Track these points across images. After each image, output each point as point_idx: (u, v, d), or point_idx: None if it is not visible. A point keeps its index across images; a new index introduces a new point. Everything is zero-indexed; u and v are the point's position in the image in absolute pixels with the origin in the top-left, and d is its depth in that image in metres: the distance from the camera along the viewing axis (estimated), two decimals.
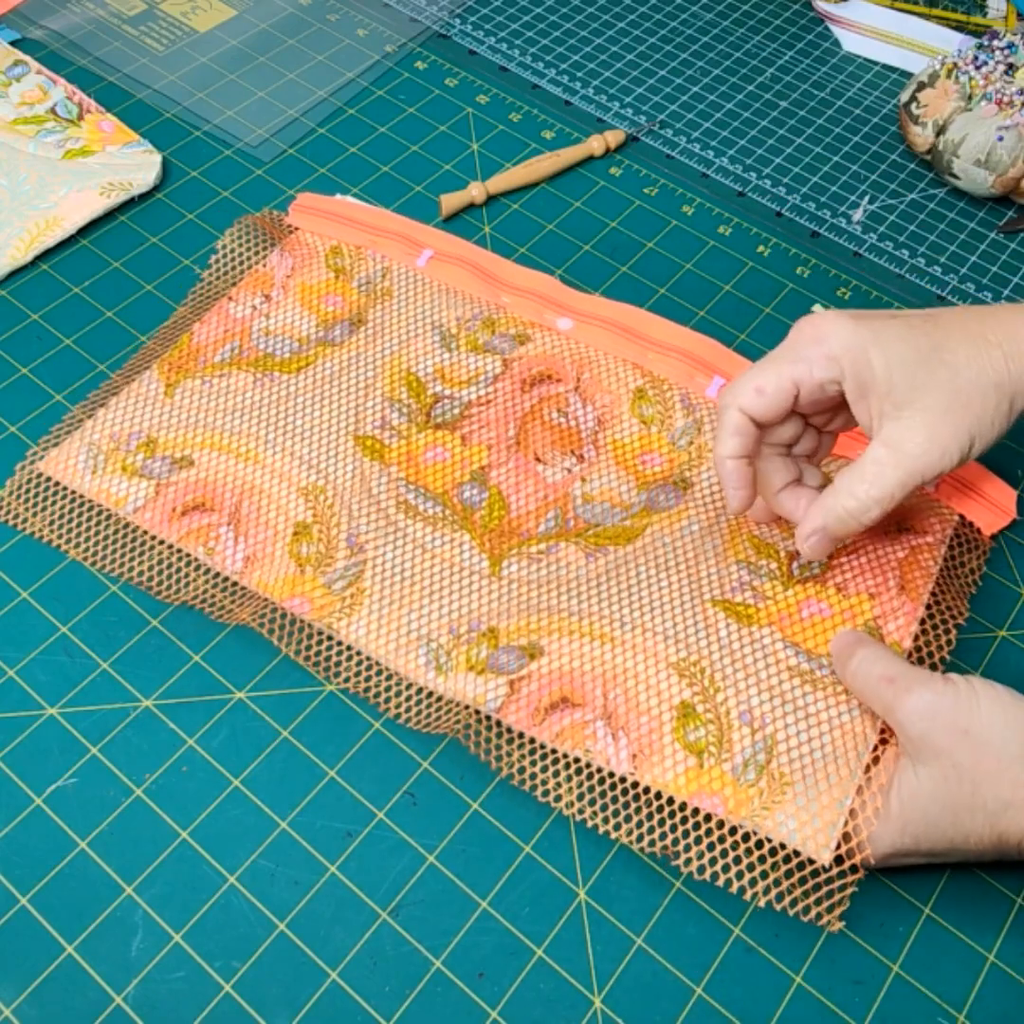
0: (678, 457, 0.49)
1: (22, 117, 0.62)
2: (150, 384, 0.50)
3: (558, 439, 0.49)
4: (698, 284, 0.58)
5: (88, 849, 0.40)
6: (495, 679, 0.42)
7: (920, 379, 0.38)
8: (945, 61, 0.62)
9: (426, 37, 0.71)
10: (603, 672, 0.42)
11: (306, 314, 0.53)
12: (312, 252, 0.56)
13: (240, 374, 0.51)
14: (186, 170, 0.62)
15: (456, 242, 0.56)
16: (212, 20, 0.71)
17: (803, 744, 0.40)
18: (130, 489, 0.47)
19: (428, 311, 0.54)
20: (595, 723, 0.41)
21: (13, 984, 0.37)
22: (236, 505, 0.47)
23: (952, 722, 0.36)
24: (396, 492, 0.47)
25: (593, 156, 0.64)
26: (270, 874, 0.39)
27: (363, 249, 0.56)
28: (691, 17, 0.75)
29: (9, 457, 0.49)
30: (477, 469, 0.48)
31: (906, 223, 0.62)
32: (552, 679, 0.42)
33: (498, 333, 0.53)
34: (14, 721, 0.42)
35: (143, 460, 0.48)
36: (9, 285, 0.56)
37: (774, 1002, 0.38)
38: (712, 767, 0.39)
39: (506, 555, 0.46)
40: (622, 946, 0.39)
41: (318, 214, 0.57)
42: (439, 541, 0.46)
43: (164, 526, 0.46)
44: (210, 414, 0.49)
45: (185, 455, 0.48)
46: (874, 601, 0.44)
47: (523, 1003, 0.37)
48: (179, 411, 0.49)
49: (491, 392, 0.51)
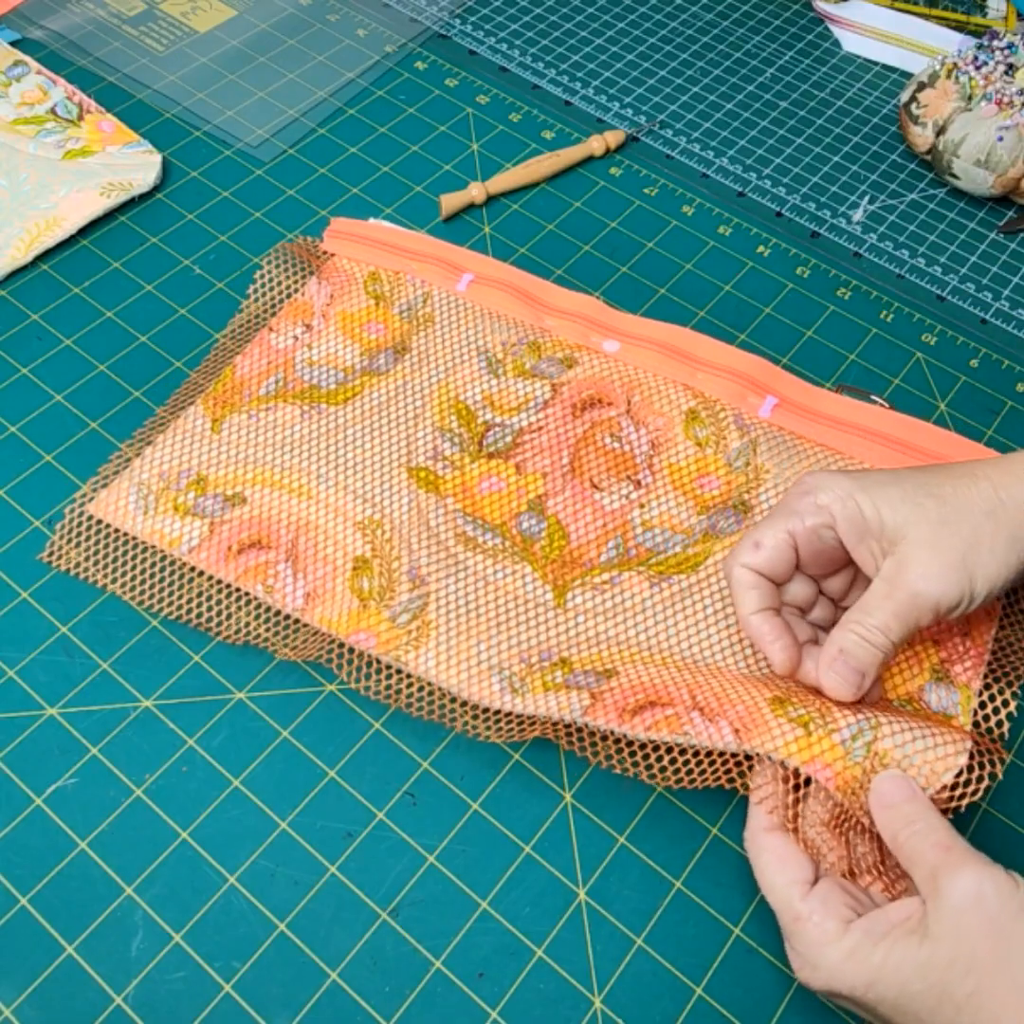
0: (735, 479, 0.48)
1: (22, 117, 0.62)
2: (196, 420, 0.49)
3: (613, 465, 0.49)
4: (698, 284, 0.58)
5: (88, 849, 0.40)
6: (576, 692, 0.41)
7: (906, 514, 0.38)
8: (945, 61, 0.62)
9: (426, 37, 0.71)
10: (687, 684, 0.41)
11: (349, 343, 0.53)
12: (350, 279, 0.55)
13: (286, 407, 0.50)
14: (186, 170, 0.62)
15: (496, 265, 0.55)
16: (212, 20, 0.71)
17: (904, 732, 0.37)
18: (184, 529, 0.46)
19: (472, 336, 0.53)
20: (690, 713, 0.39)
21: (13, 984, 0.37)
22: (292, 541, 0.46)
23: (994, 915, 0.32)
24: (454, 524, 0.46)
25: (593, 156, 0.64)
26: (270, 874, 0.39)
27: (402, 274, 0.55)
28: (691, 17, 0.75)
29: (9, 457, 0.49)
30: (534, 498, 0.47)
31: (906, 223, 0.62)
32: (635, 689, 0.41)
33: (544, 357, 0.52)
34: (14, 721, 0.42)
35: (195, 498, 0.47)
36: (9, 285, 0.56)
37: (774, 1002, 0.38)
38: (822, 737, 0.37)
39: (570, 586, 0.45)
40: (622, 946, 0.39)
41: (352, 239, 0.56)
42: (501, 573, 0.45)
43: (221, 565, 0.45)
44: (259, 449, 0.49)
45: (237, 492, 0.47)
46: (939, 647, 0.43)
47: (523, 1003, 0.37)
48: (227, 447, 0.49)
49: (542, 418, 0.50)
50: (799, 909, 0.35)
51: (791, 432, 0.50)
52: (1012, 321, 0.58)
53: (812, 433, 0.50)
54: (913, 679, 0.42)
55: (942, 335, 0.57)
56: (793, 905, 0.35)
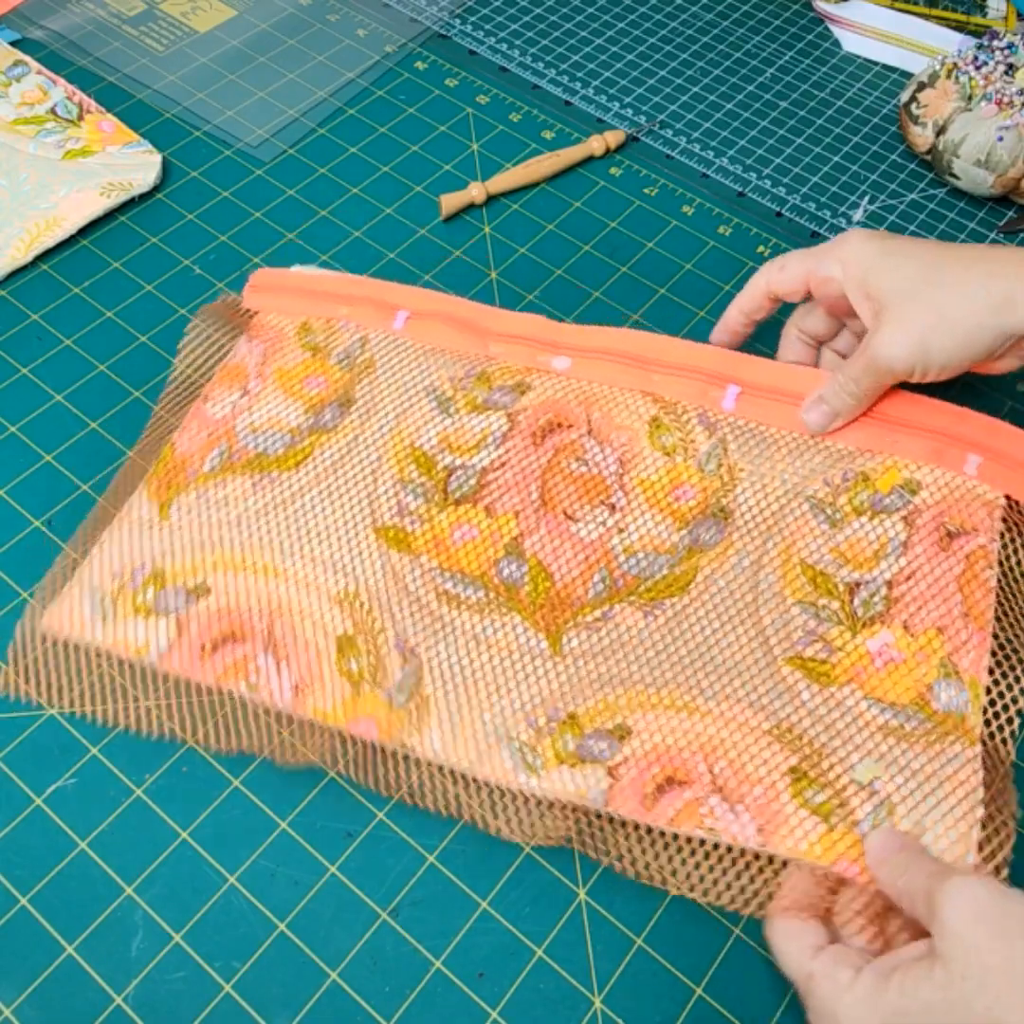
0: (710, 484, 0.47)
1: (22, 117, 0.62)
2: (141, 508, 0.45)
3: (584, 491, 0.46)
4: (698, 284, 0.58)
5: (88, 849, 0.40)
6: (592, 769, 0.39)
7: (900, 288, 0.43)
8: (945, 61, 0.62)
9: (426, 37, 0.71)
10: (700, 745, 0.39)
11: (290, 402, 0.49)
12: (280, 334, 0.51)
13: (236, 480, 0.46)
14: (186, 170, 0.62)
15: (434, 297, 0.52)
16: (212, 20, 0.71)
17: (919, 805, 0.38)
18: (149, 632, 0.42)
19: (417, 377, 0.50)
20: (708, 799, 0.38)
21: (13, 984, 0.37)
22: (268, 628, 0.42)
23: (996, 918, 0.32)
24: (433, 583, 0.44)
25: (593, 156, 0.64)
26: (270, 874, 0.39)
27: (334, 321, 0.52)
28: (691, 17, 0.75)
29: (9, 457, 0.49)
30: (510, 541, 0.45)
31: (906, 223, 0.62)
32: (650, 760, 0.39)
33: (496, 387, 0.49)
34: (14, 721, 0.42)
35: (154, 595, 0.43)
36: (9, 285, 0.56)
37: (774, 1002, 0.38)
38: (844, 832, 0.37)
39: (563, 629, 0.43)
40: (622, 946, 0.39)
41: (277, 291, 0.53)
42: (490, 628, 0.43)
43: (197, 668, 0.41)
44: (214, 530, 0.45)
45: (199, 582, 0.43)
46: (944, 636, 0.42)
47: (523, 1003, 0.37)
48: (180, 533, 0.45)
49: (503, 453, 0.47)
50: (811, 968, 0.34)
51: (759, 421, 0.48)
52: None
53: (781, 416, 0.48)
54: (923, 677, 0.42)
55: None
56: (804, 965, 0.35)
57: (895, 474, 0.47)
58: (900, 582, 0.44)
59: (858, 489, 0.46)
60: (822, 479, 0.47)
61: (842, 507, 0.46)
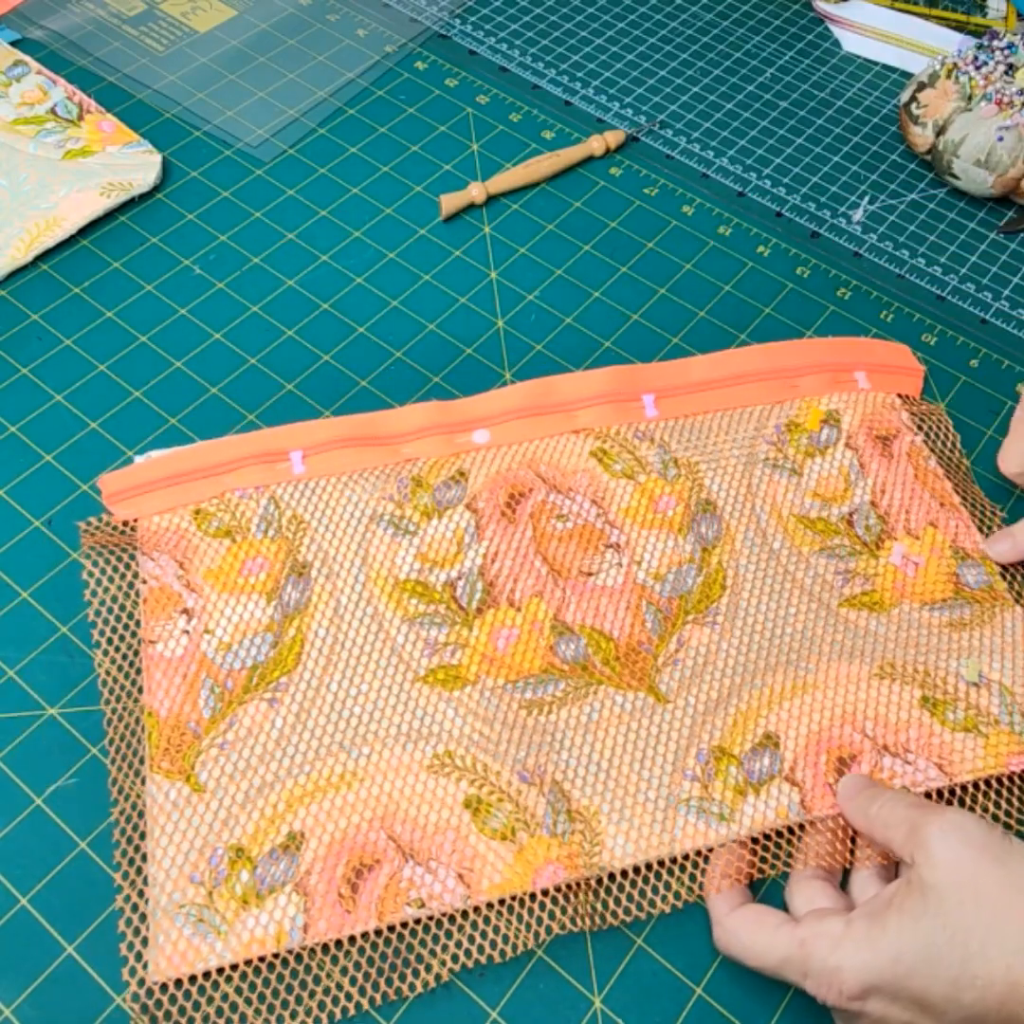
0: (680, 487, 0.48)
1: (22, 117, 0.62)
2: (169, 792, 0.39)
3: (582, 543, 0.46)
4: (698, 284, 0.58)
5: (88, 849, 0.40)
6: (781, 789, 0.40)
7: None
8: (945, 61, 0.62)
9: (426, 37, 0.71)
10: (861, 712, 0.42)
11: (244, 598, 0.43)
12: (179, 534, 0.45)
13: (247, 707, 0.41)
14: (186, 170, 0.62)
15: (319, 424, 0.48)
16: (212, 20, 0.71)
17: (1021, 675, 0.43)
18: (273, 916, 0.36)
19: (355, 511, 0.46)
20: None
21: (13, 984, 0.37)
22: (390, 836, 0.38)
23: (984, 844, 0.33)
24: (510, 699, 0.41)
25: (593, 156, 0.64)
26: None
27: (227, 495, 0.46)
28: (691, 17, 0.75)
29: (9, 457, 0.49)
30: (552, 623, 0.43)
31: (906, 223, 0.62)
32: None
33: (436, 485, 0.47)
34: (14, 721, 0.42)
35: (250, 876, 0.37)
36: (9, 285, 0.56)
37: (774, 1002, 0.38)
38: (998, 733, 0.41)
39: (653, 678, 0.42)
40: (622, 946, 0.38)
41: (142, 489, 0.46)
42: (595, 713, 0.41)
43: (349, 919, 0.36)
44: (260, 773, 0.39)
45: (287, 834, 0.38)
46: (938, 528, 0.47)
47: (523, 1003, 0.37)
48: (227, 795, 0.39)
49: (489, 544, 0.45)
50: (799, 934, 0.34)
51: (682, 415, 0.50)
52: (1012, 321, 0.58)
53: (699, 405, 0.51)
54: (947, 568, 0.46)
55: (942, 335, 0.57)
56: (793, 936, 0.34)
57: (815, 411, 0.51)
58: (879, 498, 0.48)
59: (795, 436, 0.50)
60: (763, 440, 0.50)
61: (793, 457, 0.49)
